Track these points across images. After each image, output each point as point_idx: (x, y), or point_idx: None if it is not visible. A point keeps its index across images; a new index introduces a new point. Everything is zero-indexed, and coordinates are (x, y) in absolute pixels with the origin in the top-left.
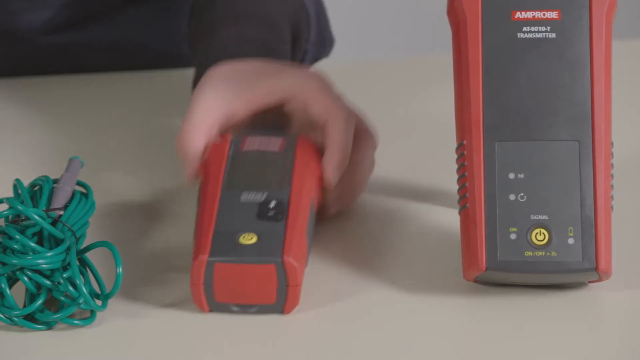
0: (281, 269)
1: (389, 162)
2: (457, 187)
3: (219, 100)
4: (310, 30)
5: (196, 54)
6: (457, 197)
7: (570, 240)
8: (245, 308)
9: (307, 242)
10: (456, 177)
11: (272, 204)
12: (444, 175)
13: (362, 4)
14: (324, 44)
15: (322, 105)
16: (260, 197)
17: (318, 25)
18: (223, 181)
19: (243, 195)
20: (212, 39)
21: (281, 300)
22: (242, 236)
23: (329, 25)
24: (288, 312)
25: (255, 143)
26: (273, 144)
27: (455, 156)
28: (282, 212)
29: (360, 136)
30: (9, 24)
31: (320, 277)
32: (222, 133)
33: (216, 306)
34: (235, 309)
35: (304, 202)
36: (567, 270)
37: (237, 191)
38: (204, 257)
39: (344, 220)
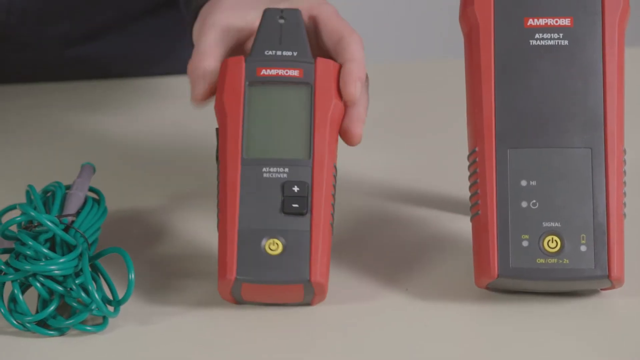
0: (308, 285)
1: (401, 168)
2: (469, 194)
3: (230, 23)
4: None
5: None
6: (469, 204)
7: (583, 248)
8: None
9: (330, 233)
10: (468, 183)
11: (296, 189)
12: (456, 181)
13: (373, 8)
14: None
15: (337, 24)
16: (282, 174)
17: None
18: (242, 138)
19: (264, 170)
20: None
21: (307, 300)
22: (268, 243)
23: None
24: (314, 305)
25: (272, 69)
26: (290, 72)
27: (468, 163)
28: (306, 202)
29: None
30: (32, 37)
31: (331, 280)
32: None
33: (244, 302)
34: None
35: (327, 178)
36: (580, 278)
37: (258, 163)
38: (231, 277)
39: (357, 226)
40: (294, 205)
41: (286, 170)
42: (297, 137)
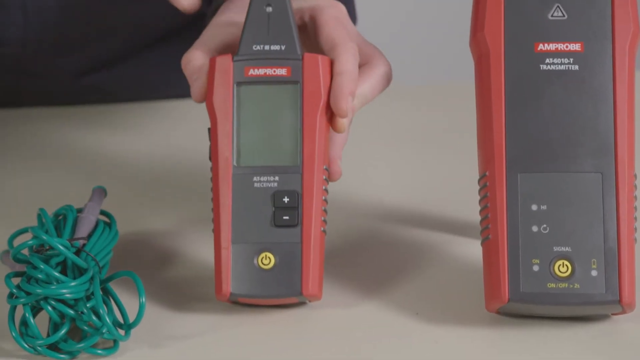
0: (302, 298)
1: (410, 192)
2: (479, 218)
3: (231, 18)
4: None
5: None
6: (480, 228)
7: (594, 273)
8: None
9: (322, 242)
10: (479, 208)
11: (286, 199)
12: (467, 205)
13: (385, 30)
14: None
15: (332, 31)
16: (272, 182)
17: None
18: (232, 145)
19: (255, 179)
20: None
21: (302, 302)
22: (260, 257)
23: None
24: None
25: (260, 69)
26: (278, 71)
27: (478, 187)
28: (297, 213)
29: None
30: (45, 68)
31: (342, 304)
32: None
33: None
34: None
35: (317, 186)
36: (590, 303)
37: (248, 172)
38: (227, 292)
39: (366, 249)
40: (284, 218)
41: (276, 179)
42: (286, 142)
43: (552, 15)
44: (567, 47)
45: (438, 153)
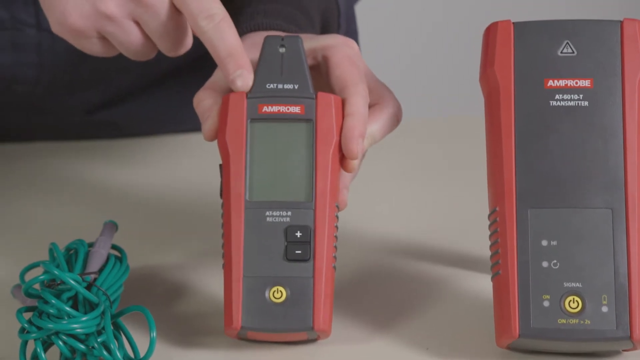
0: (312, 332)
1: (419, 226)
2: (489, 252)
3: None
4: (339, 29)
5: None
6: (490, 263)
7: (604, 309)
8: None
9: (332, 277)
10: (488, 242)
11: (298, 234)
12: (477, 240)
13: (394, 64)
14: None
15: (344, 72)
16: (285, 217)
17: (346, 24)
18: (245, 180)
19: (267, 214)
20: (243, 13)
21: (312, 338)
22: (272, 291)
23: (357, 29)
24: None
25: (274, 106)
26: (291, 108)
27: (488, 222)
28: (309, 248)
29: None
30: (57, 105)
31: (352, 340)
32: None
33: (249, 340)
34: None
35: (329, 222)
36: (601, 339)
37: (261, 206)
38: (237, 326)
39: (377, 284)
40: (296, 252)
41: (289, 214)
42: (299, 178)
43: (561, 52)
44: (576, 83)
45: (447, 187)
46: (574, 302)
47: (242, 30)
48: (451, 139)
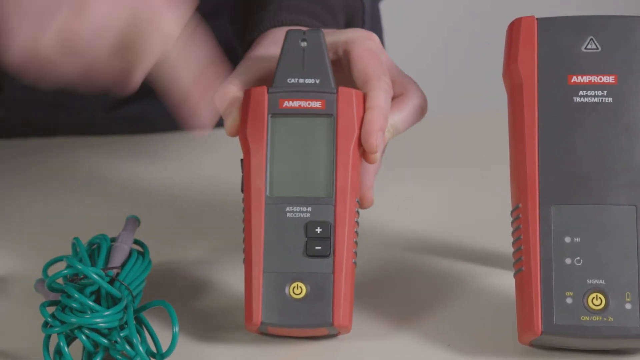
0: (332, 328)
1: (441, 223)
2: (512, 249)
3: (263, 53)
4: (364, 26)
5: (247, 25)
6: (512, 259)
7: (628, 306)
8: None
9: (353, 273)
10: (511, 239)
11: (318, 230)
12: (500, 237)
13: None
14: None
15: (365, 66)
16: (305, 213)
17: (371, 22)
18: (266, 176)
19: (288, 209)
20: (267, 10)
21: (332, 334)
22: (292, 287)
23: (382, 27)
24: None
25: (295, 101)
26: (312, 103)
27: (511, 219)
28: (329, 243)
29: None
30: (81, 103)
31: (373, 336)
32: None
33: (270, 335)
34: None
35: (350, 217)
36: (624, 336)
37: (281, 202)
38: (257, 321)
39: (397, 280)
40: (317, 248)
41: (309, 209)
42: (319, 174)
43: (585, 48)
44: (600, 79)
45: (469, 184)
46: (597, 299)
47: (266, 26)
48: (473, 136)
